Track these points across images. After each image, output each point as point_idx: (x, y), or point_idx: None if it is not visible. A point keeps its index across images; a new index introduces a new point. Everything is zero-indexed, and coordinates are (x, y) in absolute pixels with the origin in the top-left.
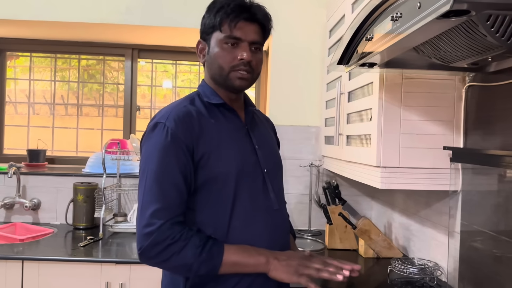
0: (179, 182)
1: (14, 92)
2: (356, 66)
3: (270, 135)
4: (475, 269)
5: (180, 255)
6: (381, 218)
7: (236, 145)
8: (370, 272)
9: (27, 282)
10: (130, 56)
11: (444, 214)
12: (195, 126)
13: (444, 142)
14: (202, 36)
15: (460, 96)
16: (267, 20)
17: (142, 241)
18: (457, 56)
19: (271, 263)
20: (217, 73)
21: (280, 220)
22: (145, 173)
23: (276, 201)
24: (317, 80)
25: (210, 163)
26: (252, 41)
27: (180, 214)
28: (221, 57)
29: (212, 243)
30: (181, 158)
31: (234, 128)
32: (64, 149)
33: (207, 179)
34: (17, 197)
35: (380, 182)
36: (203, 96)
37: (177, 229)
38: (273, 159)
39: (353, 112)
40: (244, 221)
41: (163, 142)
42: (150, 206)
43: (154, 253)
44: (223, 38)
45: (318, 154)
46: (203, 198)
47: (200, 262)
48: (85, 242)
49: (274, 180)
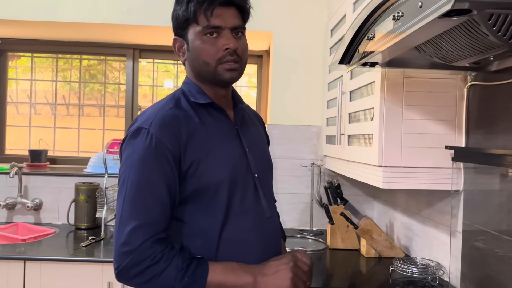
0: (162, 196)
1: (16, 93)
2: (358, 66)
3: (260, 134)
4: (477, 269)
5: (160, 277)
6: (383, 218)
7: (226, 150)
8: (372, 272)
9: (29, 282)
10: (131, 56)
11: (446, 213)
12: (183, 132)
13: (446, 142)
14: (177, 32)
15: (462, 95)
16: (244, 0)
17: (120, 260)
18: (459, 55)
19: (259, 282)
20: (203, 69)
21: (272, 228)
22: (125, 184)
23: (268, 208)
24: (318, 80)
25: (199, 172)
26: (234, 27)
27: (162, 231)
28: (204, 51)
29: (195, 264)
30: (166, 169)
31: (224, 131)
32: (65, 149)
33: (196, 189)
34: (19, 197)
35: (382, 182)
36: (189, 95)
37: (158, 249)
38: (263, 162)
39: (354, 112)
40: (236, 232)
41: (146, 150)
42: (129, 222)
43: (132, 274)
44: (202, 30)
45: (320, 153)
46: (192, 209)
47: (183, 286)
48: (87, 242)
49: (265, 185)
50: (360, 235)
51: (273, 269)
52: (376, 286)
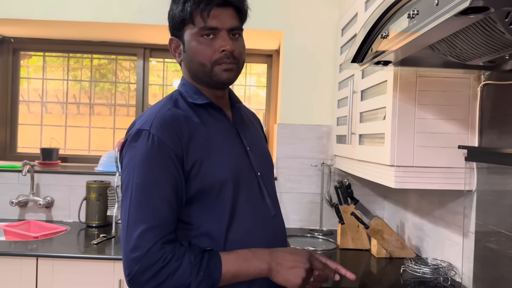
0: (169, 197)
1: (27, 91)
2: (371, 64)
3: (259, 133)
4: (490, 270)
5: (175, 277)
6: (394, 218)
7: (228, 149)
8: (382, 272)
9: (42, 278)
10: (142, 55)
11: (459, 214)
12: (184, 131)
13: (459, 141)
14: (173, 32)
15: (475, 94)
16: (241, 1)
17: (131, 266)
18: (474, 54)
19: (273, 269)
20: (199, 70)
21: (278, 226)
22: (129, 187)
23: (272, 206)
24: (329, 79)
25: (203, 172)
26: (231, 28)
27: (171, 232)
28: (200, 53)
29: (208, 257)
30: (170, 169)
31: (224, 130)
32: (76, 148)
33: (199, 189)
34: (31, 195)
35: (394, 182)
36: (186, 96)
37: (168, 249)
38: (265, 160)
39: (366, 111)
40: (243, 232)
41: (149, 151)
42: (137, 226)
43: (146, 278)
44: (198, 31)
45: (330, 153)
46: (196, 210)
47: (199, 282)
48: (98, 239)
49: (268, 183)
50: (371, 235)
51: (290, 263)
52: (387, 286)
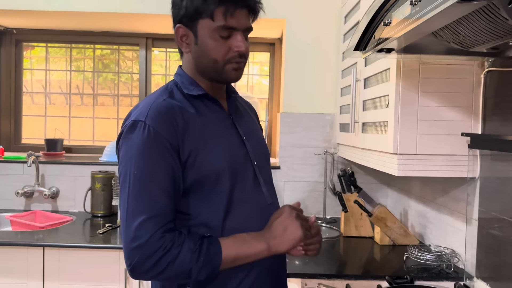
0: (167, 186)
1: (31, 83)
2: (373, 52)
3: (254, 122)
4: (493, 256)
5: (175, 264)
6: (397, 206)
7: (224, 139)
8: (386, 259)
9: (48, 268)
10: (144, 45)
11: (462, 201)
12: (179, 122)
13: (462, 128)
14: (183, 21)
15: (479, 81)
16: (259, 3)
17: (131, 256)
18: (477, 41)
19: (272, 245)
20: (210, 66)
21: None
22: (127, 179)
23: (269, 194)
24: (332, 67)
25: (199, 162)
26: (246, 29)
27: (170, 221)
28: (216, 50)
29: (207, 243)
30: (167, 159)
31: (219, 121)
32: (80, 139)
33: (196, 179)
34: (36, 186)
35: (397, 169)
36: (182, 87)
37: (168, 238)
38: (261, 149)
39: (369, 99)
40: (240, 221)
41: (145, 142)
42: (136, 217)
43: (147, 267)
44: (217, 29)
45: (333, 142)
46: (193, 200)
47: (199, 268)
48: (103, 229)
49: (264, 173)
50: (374, 223)
51: (281, 228)
52: (390, 273)
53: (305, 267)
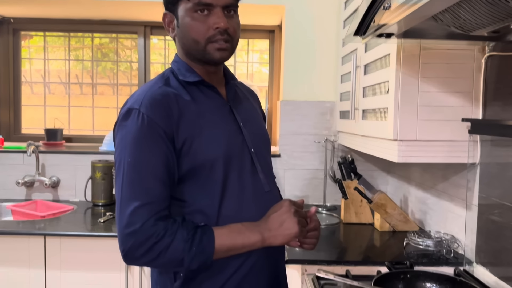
0: (161, 174)
1: (30, 72)
2: (373, 37)
3: (255, 109)
4: (492, 241)
5: (168, 252)
6: (397, 193)
7: (220, 127)
8: (386, 245)
9: (50, 256)
10: (142, 33)
11: (462, 187)
12: (174, 109)
13: (463, 114)
14: (167, 7)
15: (480, 66)
16: None
17: (125, 242)
18: (478, 24)
19: (267, 238)
20: (192, 47)
21: (272, 202)
22: (121, 166)
23: (266, 182)
24: (332, 54)
25: (194, 150)
26: (226, 5)
27: (164, 209)
28: (194, 29)
29: (201, 232)
30: (161, 147)
31: (216, 107)
32: (80, 128)
33: (191, 167)
34: (37, 175)
35: (397, 156)
36: (178, 74)
37: (161, 225)
38: (259, 136)
39: (369, 86)
40: (235, 208)
41: (139, 130)
42: (130, 203)
43: (139, 254)
44: (192, 7)
45: (333, 129)
46: (189, 188)
47: (192, 257)
48: (104, 218)
49: (262, 160)
50: (374, 210)
51: (277, 222)
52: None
53: (305, 254)
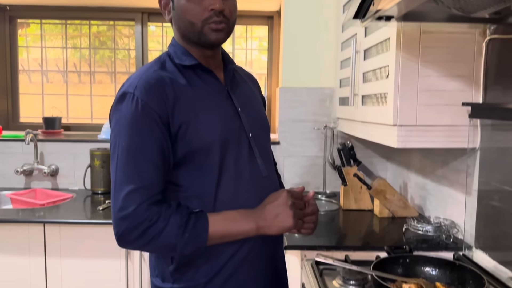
0: (155, 158)
1: (27, 61)
2: (373, 20)
3: (254, 94)
4: (492, 226)
5: (161, 237)
6: (397, 179)
7: (217, 111)
8: (385, 231)
9: (50, 244)
10: (140, 20)
11: (462, 172)
12: (169, 93)
13: (463, 98)
14: None
15: (480, 50)
16: None
17: (118, 226)
18: (478, 5)
19: (261, 227)
20: (188, 30)
21: (270, 187)
22: (116, 150)
23: (264, 167)
24: (332, 40)
25: (190, 134)
26: None
27: (158, 193)
28: (189, 11)
29: (195, 219)
30: (155, 131)
31: (213, 92)
32: (79, 116)
33: (187, 151)
34: (36, 164)
35: (397, 141)
36: (174, 57)
37: (154, 210)
38: (258, 121)
39: (369, 71)
40: (232, 193)
41: (133, 114)
42: (124, 187)
43: (133, 237)
44: None
45: (333, 116)
46: (185, 172)
47: (184, 243)
48: (103, 205)
49: (260, 145)
50: (373, 196)
51: (273, 212)
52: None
53: (304, 239)
